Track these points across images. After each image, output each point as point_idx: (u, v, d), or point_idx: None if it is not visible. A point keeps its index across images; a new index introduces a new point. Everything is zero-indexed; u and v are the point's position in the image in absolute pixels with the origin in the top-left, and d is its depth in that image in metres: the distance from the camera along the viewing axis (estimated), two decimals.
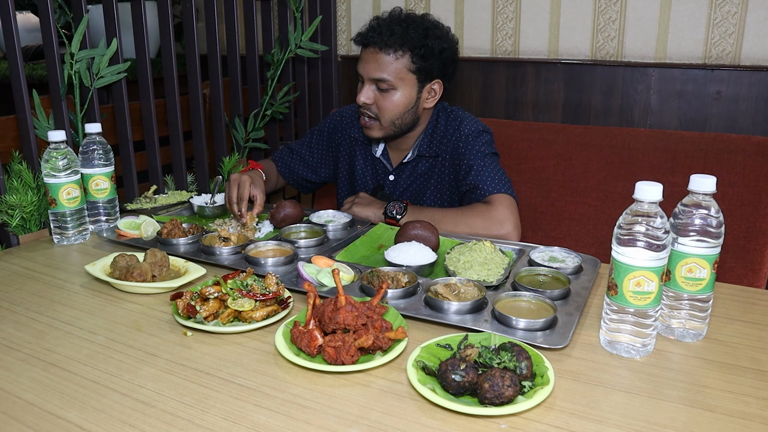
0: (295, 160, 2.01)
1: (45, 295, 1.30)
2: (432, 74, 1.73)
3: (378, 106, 1.72)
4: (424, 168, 1.84)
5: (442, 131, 1.81)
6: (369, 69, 1.69)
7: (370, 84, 1.71)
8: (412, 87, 1.72)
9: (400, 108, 1.72)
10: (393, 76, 1.68)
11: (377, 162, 1.91)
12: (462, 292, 1.19)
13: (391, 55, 1.67)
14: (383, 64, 1.68)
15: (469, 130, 1.77)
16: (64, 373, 1.01)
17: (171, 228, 1.53)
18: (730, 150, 1.84)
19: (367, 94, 1.71)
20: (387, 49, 1.67)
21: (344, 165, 1.97)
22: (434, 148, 1.81)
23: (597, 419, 0.88)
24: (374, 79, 1.69)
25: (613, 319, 1.04)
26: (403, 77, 1.69)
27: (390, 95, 1.70)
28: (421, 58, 1.69)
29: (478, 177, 1.71)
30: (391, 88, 1.69)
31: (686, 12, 2.20)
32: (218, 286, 1.16)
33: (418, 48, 1.68)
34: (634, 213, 1.00)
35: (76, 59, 1.77)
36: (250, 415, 0.89)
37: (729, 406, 0.91)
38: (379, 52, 1.68)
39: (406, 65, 1.68)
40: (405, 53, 1.68)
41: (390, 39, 1.66)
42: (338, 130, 1.96)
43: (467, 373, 0.89)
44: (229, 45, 2.29)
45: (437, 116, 1.83)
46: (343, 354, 0.98)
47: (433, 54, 1.70)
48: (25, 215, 1.62)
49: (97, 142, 1.64)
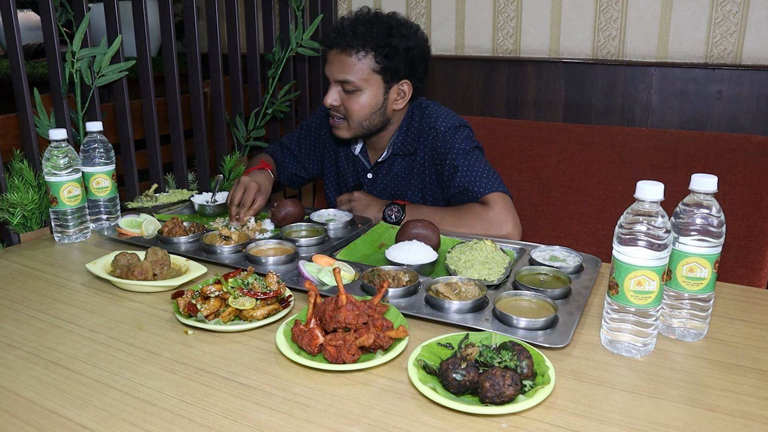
0: (285, 155, 2.01)
1: (46, 293, 1.30)
2: (399, 74, 1.70)
3: (345, 107, 1.69)
4: (401, 167, 1.82)
5: (416, 128, 1.78)
6: (333, 71, 1.68)
7: (336, 86, 1.69)
8: (378, 88, 1.68)
9: (367, 109, 1.69)
10: (357, 78, 1.65)
11: (356, 160, 1.90)
12: (463, 291, 1.19)
13: (353, 56, 1.65)
14: (346, 65, 1.65)
15: (446, 127, 1.73)
16: (65, 371, 1.01)
17: (172, 226, 1.53)
18: (731, 149, 1.84)
19: (333, 96, 1.69)
20: (349, 50, 1.64)
21: (330, 161, 1.97)
22: (409, 145, 1.78)
23: (598, 418, 0.88)
24: (339, 80, 1.67)
25: (614, 318, 1.04)
26: (368, 78, 1.66)
27: (356, 97, 1.67)
28: (386, 58, 1.65)
29: (466, 178, 1.67)
30: (356, 89, 1.66)
31: (687, 11, 2.20)
32: (219, 285, 1.16)
33: (382, 47, 1.64)
34: (635, 212, 0.99)
35: (77, 57, 1.76)
36: (251, 413, 0.89)
37: (730, 406, 0.91)
38: (341, 53, 1.66)
39: (370, 66, 1.66)
40: (368, 53, 1.65)
41: (353, 39, 1.64)
42: (324, 126, 1.95)
43: (468, 372, 0.89)
44: (230, 43, 2.29)
45: (412, 113, 1.80)
46: (343, 353, 0.98)
47: (397, 53, 1.66)
48: (26, 213, 1.62)
49: (98, 141, 1.64)
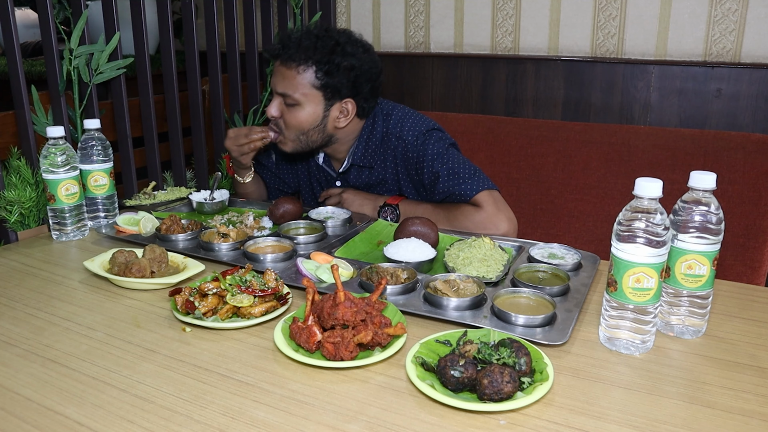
0: (265, 174, 2.00)
1: (43, 291, 1.30)
2: (341, 92, 1.66)
3: (284, 120, 1.69)
4: (368, 177, 1.79)
5: (378, 139, 1.74)
6: (275, 82, 1.67)
7: (278, 97, 1.68)
8: (318, 104, 1.66)
9: (304, 125, 1.68)
10: (296, 92, 1.64)
11: (322, 169, 1.89)
12: (461, 288, 1.19)
13: (293, 70, 1.63)
14: (286, 78, 1.64)
15: (414, 136, 1.70)
16: (63, 369, 1.01)
17: (170, 224, 1.53)
18: (730, 147, 1.84)
19: (274, 107, 1.69)
20: (290, 62, 1.63)
21: (303, 171, 1.95)
22: (369, 158, 1.75)
23: (596, 415, 0.88)
24: (279, 93, 1.67)
25: (613, 315, 1.04)
26: (307, 93, 1.64)
27: (294, 111, 1.66)
28: (326, 74, 1.63)
29: (449, 182, 1.65)
30: (294, 103, 1.65)
31: (687, 9, 2.20)
32: (217, 282, 1.16)
33: (323, 64, 1.62)
34: (633, 209, 0.99)
35: (75, 55, 1.76)
36: (249, 410, 0.89)
37: (728, 403, 0.91)
38: (282, 66, 1.65)
39: (310, 81, 1.64)
40: (308, 68, 1.63)
41: (295, 53, 1.62)
42: None
43: (466, 369, 0.89)
44: (228, 41, 2.28)
45: (373, 122, 1.76)
46: (342, 350, 0.98)
47: (338, 71, 1.63)
48: (24, 211, 1.62)
49: (96, 138, 1.64)
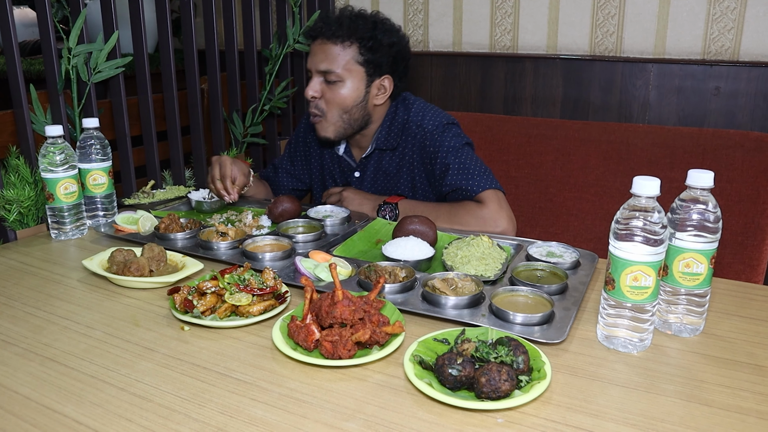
0: (280, 175, 2.01)
1: (42, 290, 1.30)
2: (381, 69, 1.71)
3: (325, 99, 1.69)
4: (389, 164, 1.81)
5: (400, 123, 1.78)
6: (316, 61, 1.68)
7: (318, 76, 1.69)
8: (361, 80, 1.69)
9: (348, 101, 1.69)
10: (340, 67, 1.66)
11: (341, 160, 1.89)
12: (459, 286, 1.19)
13: (338, 46, 1.66)
14: (330, 55, 1.66)
15: (434, 126, 1.73)
16: (62, 367, 1.01)
17: (168, 223, 1.53)
18: (729, 146, 1.84)
19: (315, 87, 1.69)
20: (335, 39, 1.66)
21: (316, 166, 1.96)
22: (392, 140, 1.78)
23: (594, 414, 0.88)
24: (322, 71, 1.67)
25: (611, 314, 1.04)
26: (351, 69, 1.67)
27: (337, 87, 1.68)
28: (369, 50, 1.67)
29: (458, 176, 1.67)
30: (338, 79, 1.67)
31: (685, 7, 2.20)
32: (215, 281, 1.16)
33: (366, 39, 1.66)
34: (631, 208, 0.99)
35: (73, 54, 1.76)
36: (247, 409, 0.89)
37: (725, 401, 0.91)
38: (326, 43, 1.67)
39: (353, 56, 1.67)
40: (353, 44, 1.67)
41: (338, 30, 1.66)
42: (309, 132, 1.95)
43: (464, 368, 0.89)
44: (227, 40, 2.28)
45: (396, 108, 1.80)
46: (340, 348, 0.98)
47: (381, 47, 1.68)
48: (23, 210, 1.62)
49: (95, 137, 1.64)
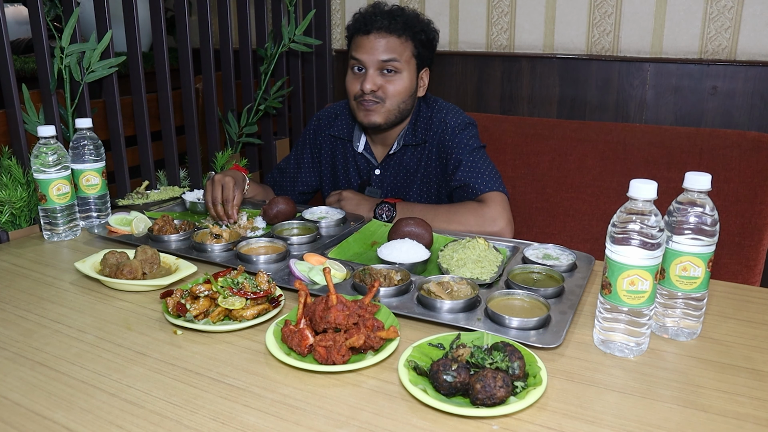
0: (285, 178, 2.00)
1: (34, 292, 1.29)
2: (425, 62, 1.76)
3: (384, 90, 1.70)
4: (410, 160, 1.83)
5: (425, 120, 1.81)
6: (377, 52, 1.67)
7: (375, 68, 1.68)
8: (413, 72, 1.73)
9: (404, 93, 1.72)
10: (401, 58, 1.69)
11: (360, 158, 1.89)
12: (455, 290, 1.18)
13: (400, 38, 1.69)
14: (392, 46, 1.68)
15: (456, 123, 1.77)
16: (52, 372, 0.99)
17: (162, 224, 1.52)
18: (726, 146, 1.84)
19: (373, 80, 1.68)
20: (394, 31, 1.68)
21: (326, 165, 1.95)
22: (419, 136, 1.80)
23: (590, 420, 0.87)
24: (383, 60, 1.67)
25: (607, 318, 1.03)
26: (408, 60, 1.71)
27: (396, 78, 1.70)
28: (422, 45, 1.72)
29: (468, 174, 1.70)
30: (397, 71, 1.69)
31: (682, 6, 2.19)
32: (209, 284, 1.15)
33: (419, 34, 1.71)
34: (628, 211, 0.99)
35: (66, 53, 1.74)
36: (240, 415, 0.88)
37: (723, 406, 0.90)
38: (388, 35, 1.68)
39: (410, 50, 1.71)
40: (409, 39, 1.71)
41: (394, 24, 1.68)
42: (318, 133, 1.94)
43: (459, 374, 0.88)
44: (222, 39, 2.27)
45: (419, 106, 1.83)
46: (334, 353, 0.97)
47: (430, 42, 1.74)
48: (15, 211, 1.61)
49: (88, 138, 1.63)
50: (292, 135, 2.72)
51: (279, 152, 2.61)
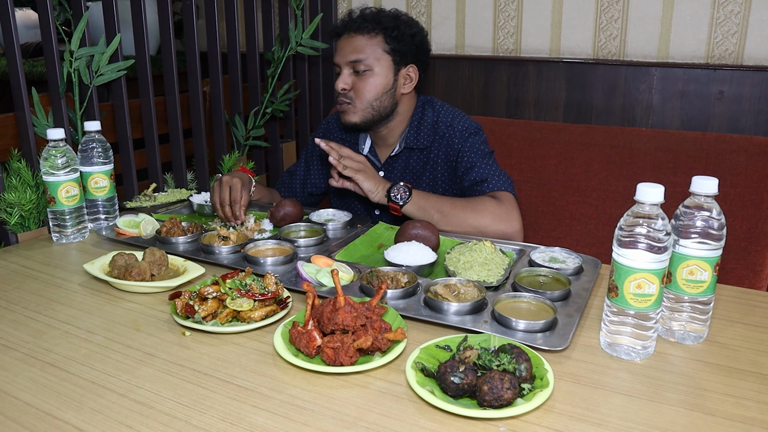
0: (295, 181, 2.01)
1: (43, 294, 1.30)
2: (407, 58, 1.76)
3: (355, 90, 1.73)
4: (415, 162, 1.83)
5: (430, 123, 1.81)
6: (345, 53, 1.72)
7: (347, 69, 1.73)
8: (389, 68, 1.73)
9: (378, 89, 1.73)
10: (369, 56, 1.71)
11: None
12: (462, 292, 1.19)
13: (365, 36, 1.71)
14: (358, 45, 1.71)
15: (464, 127, 1.78)
16: (62, 373, 1.00)
17: (170, 226, 1.53)
18: (733, 150, 1.84)
19: (345, 80, 1.73)
20: (361, 30, 1.72)
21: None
22: (423, 139, 1.80)
23: (596, 422, 0.87)
24: (351, 61, 1.71)
25: (614, 321, 1.04)
26: (379, 57, 1.72)
27: (366, 77, 1.72)
28: (394, 39, 1.73)
29: (482, 172, 1.72)
30: (367, 69, 1.71)
31: (689, 11, 2.19)
32: (217, 286, 1.15)
33: (390, 29, 1.72)
34: (635, 215, 0.99)
35: (75, 57, 1.76)
36: (248, 416, 0.89)
37: (729, 410, 0.90)
38: (353, 35, 1.72)
39: (380, 45, 1.72)
40: (378, 34, 1.72)
41: (363, 23, 1.72)
42: (327, 136, 1.96)
43: (466, 375, 0.89)
44: (229, 42, 2.28)
45: (423, 109, 1.84)
46: (341, 355, 0.97)
47: (404, 36, 1.74)
48: (24, 213, 1.62)
49: (97, 140, 1.64)
50: (299, 138, 2.73)
51: (285, 155, 2.62)
